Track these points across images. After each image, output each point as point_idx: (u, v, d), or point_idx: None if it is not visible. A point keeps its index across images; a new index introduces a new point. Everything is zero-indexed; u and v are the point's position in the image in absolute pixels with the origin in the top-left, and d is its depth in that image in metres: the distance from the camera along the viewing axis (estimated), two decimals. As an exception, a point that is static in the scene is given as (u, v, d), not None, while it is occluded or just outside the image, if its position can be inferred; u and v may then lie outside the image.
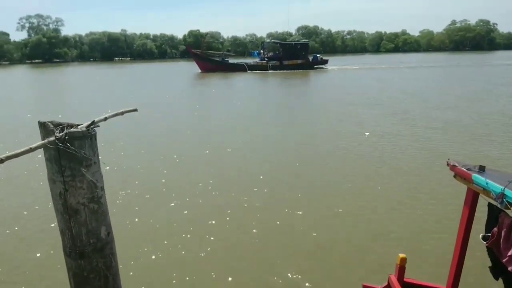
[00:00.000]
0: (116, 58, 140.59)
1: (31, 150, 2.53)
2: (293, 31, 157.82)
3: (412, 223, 7.95)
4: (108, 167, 11.15)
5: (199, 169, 11.90)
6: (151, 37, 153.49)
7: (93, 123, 2.82)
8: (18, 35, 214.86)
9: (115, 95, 33.33)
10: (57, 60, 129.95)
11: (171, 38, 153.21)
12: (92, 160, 2.75)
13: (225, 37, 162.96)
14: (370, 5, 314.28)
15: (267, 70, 59.52)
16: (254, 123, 19.44)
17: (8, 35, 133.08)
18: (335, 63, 71.86)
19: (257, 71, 59.38)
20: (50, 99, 32.10)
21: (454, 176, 3.74)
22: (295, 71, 58.41)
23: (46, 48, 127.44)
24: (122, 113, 3.21)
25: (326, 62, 65.54)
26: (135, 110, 3.36)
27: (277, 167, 11.85)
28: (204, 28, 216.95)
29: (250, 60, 66.80)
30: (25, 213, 8.83)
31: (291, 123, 19.38)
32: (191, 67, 66.95)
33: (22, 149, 2.51)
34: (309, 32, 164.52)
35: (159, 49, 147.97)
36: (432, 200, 9.06)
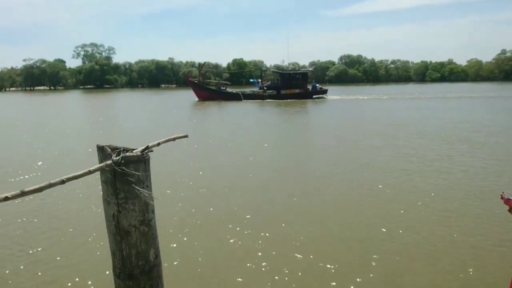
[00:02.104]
0: (162, 85, 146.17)
1: (90, 172, 2.66)
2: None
3: (463, 258, 7.53)
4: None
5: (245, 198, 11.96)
6: (197, 65, 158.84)
7: (147, 148, 2.94)
8: (73, 62, 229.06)
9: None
10: (107, 86, 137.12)
11: (215, 66, 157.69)
12: (145, 184, 2.85)
13: (268, 65, 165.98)
14: (415, 34, 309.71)
15: (264, 99, 59.66)
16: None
17: (64, 62, 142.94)
18: (375, 92, 70.13)
19: (253, 100, 59.63)
20: (103, 123, 33.63)
21: (509, 210, 3.61)
22: (292, 100, 58.19)
23: (98, 75, 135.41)
24: (174, 139, 3.33)
25: (325, 92, 64.85)
26: (186, 136, 3.48)
27: (328, 201, 11.70)
28: (248, 56, 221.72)
29: (247, 90, 67.69)
30: (80, 231, 9.16)
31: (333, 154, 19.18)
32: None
33: (82, 172, 2.65)
34: (352, 61, 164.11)
35: (203, 77, 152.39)
36: (485, 234, 8.59)
